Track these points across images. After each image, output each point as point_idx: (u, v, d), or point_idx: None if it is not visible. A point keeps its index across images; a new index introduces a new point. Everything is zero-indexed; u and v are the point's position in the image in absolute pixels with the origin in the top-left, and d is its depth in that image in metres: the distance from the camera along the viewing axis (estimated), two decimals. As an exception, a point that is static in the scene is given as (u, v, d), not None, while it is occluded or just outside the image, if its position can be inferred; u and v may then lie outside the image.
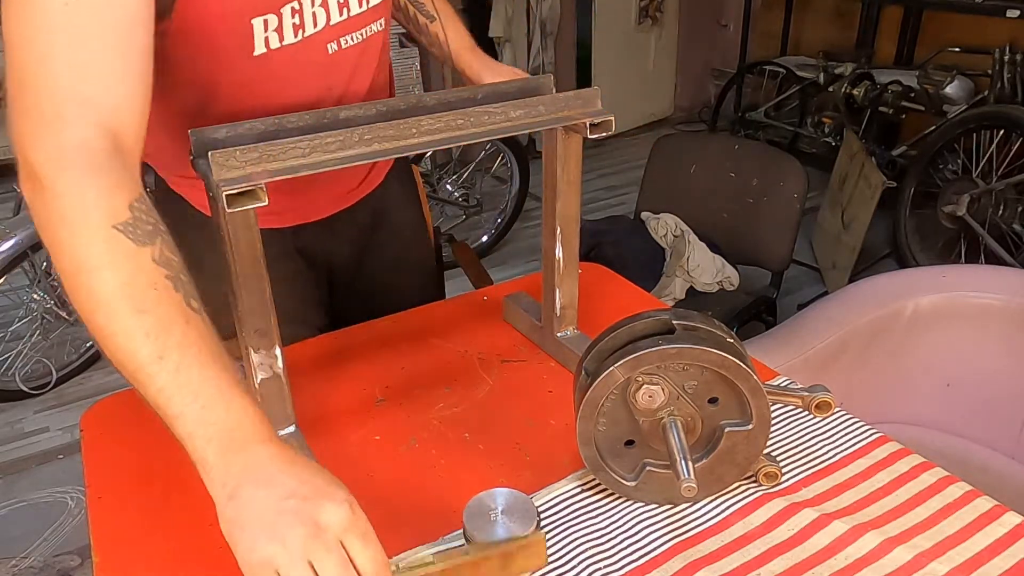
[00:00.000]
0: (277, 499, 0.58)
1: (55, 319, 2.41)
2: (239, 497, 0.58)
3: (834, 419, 0.92)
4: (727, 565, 0.73)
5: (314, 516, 0.57)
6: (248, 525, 0.57)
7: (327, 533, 0.57)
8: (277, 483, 0.59)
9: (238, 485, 0.59)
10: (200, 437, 0.60)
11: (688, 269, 2.24)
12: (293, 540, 0.56)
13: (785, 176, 2.13)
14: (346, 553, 0.58)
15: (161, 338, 0.60)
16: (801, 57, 4.00)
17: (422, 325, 1.13)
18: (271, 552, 0.56)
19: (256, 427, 0.61)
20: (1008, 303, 1.54)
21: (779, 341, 1.58)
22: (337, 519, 0.58)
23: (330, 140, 0.73)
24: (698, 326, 0.76)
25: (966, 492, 0.80)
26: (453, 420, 0.93)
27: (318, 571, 0.56)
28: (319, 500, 0.58)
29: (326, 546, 0.57)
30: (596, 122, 0.84)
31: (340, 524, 0.58)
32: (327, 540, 0.57)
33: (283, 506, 0.57)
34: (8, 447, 2.23)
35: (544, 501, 0.80)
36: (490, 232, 3.36)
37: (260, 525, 0.57)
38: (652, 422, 0.77)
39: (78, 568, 1.82)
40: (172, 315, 0.61)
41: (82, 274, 0.61)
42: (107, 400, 0.99)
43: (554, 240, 0.96)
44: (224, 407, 0.60)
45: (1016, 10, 2.97)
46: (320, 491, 0.59)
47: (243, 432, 0.61)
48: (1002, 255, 2.75)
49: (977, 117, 2.88)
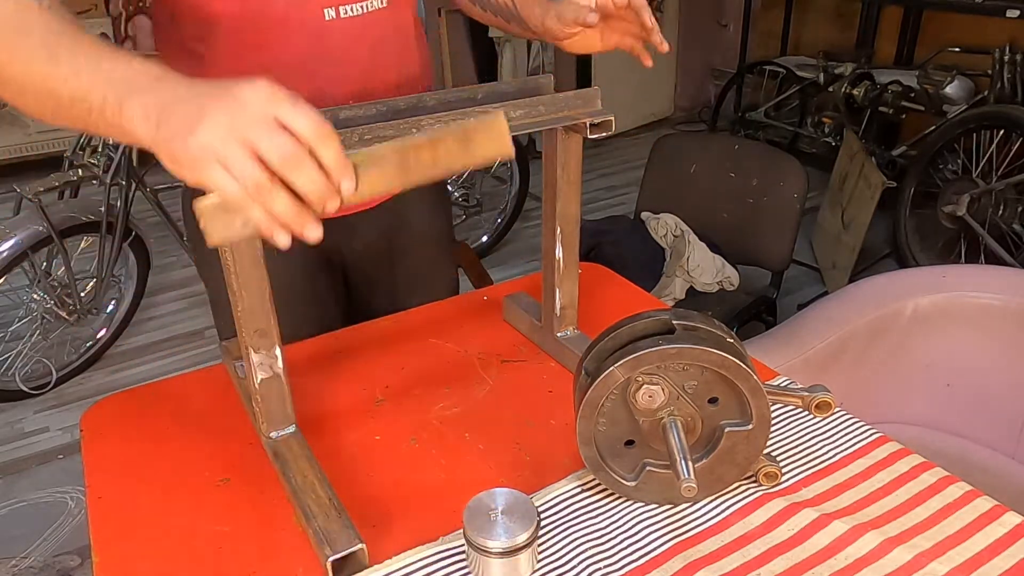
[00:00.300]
0: (196, 98, 0.58)
1: (55, 319, 2.41)
2: (164, 120, 0.58)
3: (834, 419, 0.92)
4: (727, 565, 0.73)
5: (233, 93, 0.57)
6: (178, 134, 0.57)
7: (250, 105, 0.56)
8: (194, 93, 0.59)
9: (160, 111, 0.59)
10: (112, 95, 0.61)
11: (688, 269, 2.24)
12: (219, 117, 0.56)
13: (785, 176, 2.13)
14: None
15: (52, 46, 0.63)
16: (801, 57, 4.00)
17: (422, 325, 1.13)
18: (201, 139, 0.56)
19: (159, 68, 0.62)
20: (1008, 303, 1.54)
21: (779, 341, 1.58)
22: (257, 91, 0.57)
23: (330, 140, 0.73)
24: (698, 326, 0.76)
25: (966, 492, 0.80)
26: (453, 420, 0.93)
27: (255, 145, 0.55)
28: (235, 87, 0.58)
29: (251, 117, 0.56)
30: (596, 122, 0.84)
31: (262, 94, 0.56)
32: (251, 112, 0.56)
33: (202, 100, 0.57)
34: (8, 447, 2.23)
35: (544, 501, 0.80)
36: (490, 232, 3.35)
37: (186, 125, 0.57)
38: (652, 422, 0.77)
39: (78, 568, 1.82)
40: (57, 29, 0.64)
41: None
42: (107, 400, 0.99)
43: (554, 240, 0.96)
44: (125, 64, 0.62)
45: (1016, 10, 2.96)
46: (235, 84, 0.58)
47: (148, 73, 0.62)
48: (1002, 255, 2.75)
49: (977, 117, 2.88)
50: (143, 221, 2.51)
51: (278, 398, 0.84)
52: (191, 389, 1.00)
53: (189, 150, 0.56)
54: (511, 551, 0.69)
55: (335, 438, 0.90)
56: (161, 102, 0.59)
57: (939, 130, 3.01)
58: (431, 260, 1.25)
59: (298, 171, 0.56)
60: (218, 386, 0.99)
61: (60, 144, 3.77)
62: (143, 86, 0.61)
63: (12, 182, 2.39)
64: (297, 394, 0.87)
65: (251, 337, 0.79)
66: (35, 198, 2.19)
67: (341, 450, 0.88)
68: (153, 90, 0.60)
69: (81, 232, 2.33)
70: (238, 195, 0.56)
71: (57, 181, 2.30)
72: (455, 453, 0.88)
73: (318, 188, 0.57)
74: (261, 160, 0.56)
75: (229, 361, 0.98)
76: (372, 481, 0.84)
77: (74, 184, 2.36)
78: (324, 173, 0.57)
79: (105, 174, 2.27)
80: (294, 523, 0.78)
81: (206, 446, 0.89)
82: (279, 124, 0.56)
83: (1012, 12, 2.97)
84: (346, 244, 1.15)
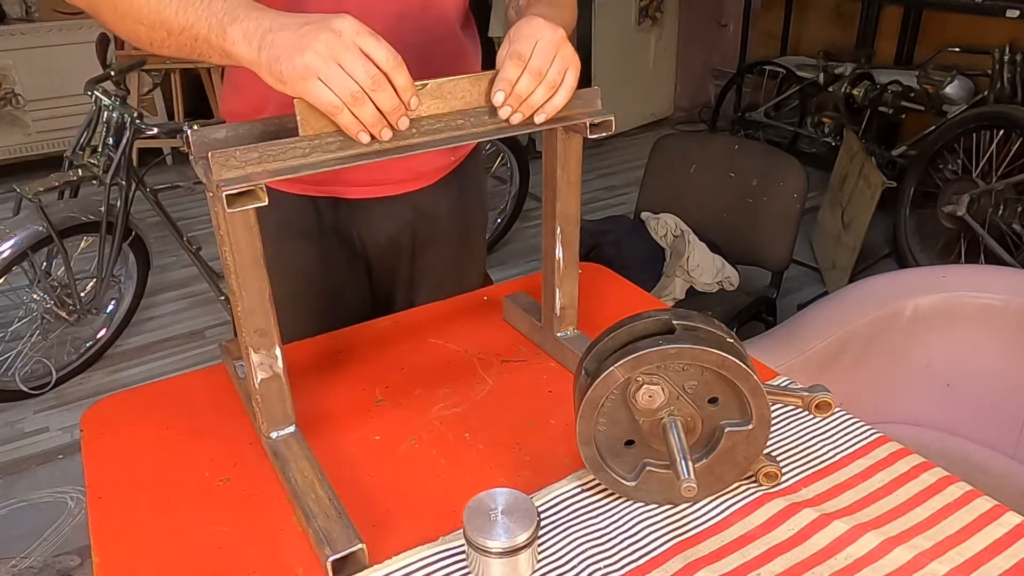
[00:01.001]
0: (296, 28, 0.70)
1: (55, 319, 2.41)
2: (266, 43, 0.71)
3: (834, 419, 0.92)
4: (727, 565, 0.73)
5: (329, 26, 0.69)
6: (282, 55, 0.70)
7: (343, 35, 0.69)
8: (291, 21, 0.71)
9: (262, 36, 0.71)
10: (215, 23, 0.74)
11: (688, 269, 2.25)
12: (319, 45, 0.68)
13: (785, 176, 2.13)
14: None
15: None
16: (801, 57, 4.00)
17: (422, 325, 1.13)
18: (306, 60, 0.68)
19: (254, 2, 0.75)
20: (1008, 303, 1.54)
21: (779, 341, 1.58)
22: (348, 25, 0.70)
23: (330, 140, 0.73)
24: (698, 326, 0.76)
25: (966, 492, 0.80)
26: (453, 420, 0.93)
27: (345, 67, 0.69)
28: (329, 18, 0.71)
29: (345, 45, 0.69)
30: (596, 122, 0.84)
31: (352, 28, 0.70)
32: (345, 41, 0.69)
33: (303, 31, 0.70)
34: (8, 447, 2.23)
35: (544, 501, 0.80)
36: (490, 232, 3.36)
37: (290, 50, 0.69)
38: (652, 422, 0.77)
39: (78, 568, 1.82)
40: None
41: None
42: (107, 400, 0.99)
43: (554, 240, 0.96)
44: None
45: (1016, 10, 2.97)
46: (327, 16, 0.71)
47: (246, 4, 0.74)
48: (1002, 255, 2.75)
49: (977, 117, 2.88)
50: (143, 221, 2.51)
51: (278, 398, 0.84)
52: (191, 389, 1.00)
53: (296, 69, 0.69)
54: (511, 551, 0.69)
55: (335, 438, 0.90)
56: (262, 28, 0.71)
57: (939, 130, 3.01)
58: (455, 256, 1.24)
59: (379, 90, 0.70)
60: (218, 386, 0.99)
61: (60, 144, 3.78)
62: (242, 16, 0.73)
63: (12, 182, 2.40)
64: (297, 394, 0.87)
65: (251, 337, 0.79)
66: (35, 198, 2.19)
67: (341, 450, 0.88)
68: (252, 18, 0.73)
69: (81, 232, 2.33)
70: (336, 103, 0.69)
71: (57, 181, 2.30)
72: (455, 453, 0.88)
73: (393, 103, 0.72)
74: (353, 79, 0.69)
75: (229, 361, 0.98)
76: (372, 481, 0.84)
77: (74, 184, 2.35)
78: (397, 95, 0.72)
79: (105, 174, 2.27)
80: (294, 523, 0.78)
81: (206, 446, 0.89)
82: (363, 54, 0.69)
83: (1012, 12, 2.98)
84: (368, 236, 1.15)
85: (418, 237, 1.18)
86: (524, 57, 0.78)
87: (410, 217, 1.15)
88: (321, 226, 1.12)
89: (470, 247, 1.27)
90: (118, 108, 2.24)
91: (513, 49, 0.78)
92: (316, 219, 1.11)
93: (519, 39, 0.79)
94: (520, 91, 0.78)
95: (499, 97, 0.78)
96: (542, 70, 0.78)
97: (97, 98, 2.26)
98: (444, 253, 1.22)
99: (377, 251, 1.17)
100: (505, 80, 0.78)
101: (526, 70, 0.78)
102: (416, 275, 1.22)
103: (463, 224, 1.23)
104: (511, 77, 0.78)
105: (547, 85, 0.79)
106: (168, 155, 4.05)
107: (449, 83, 0.78)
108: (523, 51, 0.78)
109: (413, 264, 1.21)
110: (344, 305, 1.18)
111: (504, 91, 0.78)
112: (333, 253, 1.14)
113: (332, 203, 1.11)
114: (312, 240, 1.12)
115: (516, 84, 0.78)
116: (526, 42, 0.78)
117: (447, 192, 1.17)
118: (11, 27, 3.76)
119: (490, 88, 0.79)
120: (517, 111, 0.79)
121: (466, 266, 1.28)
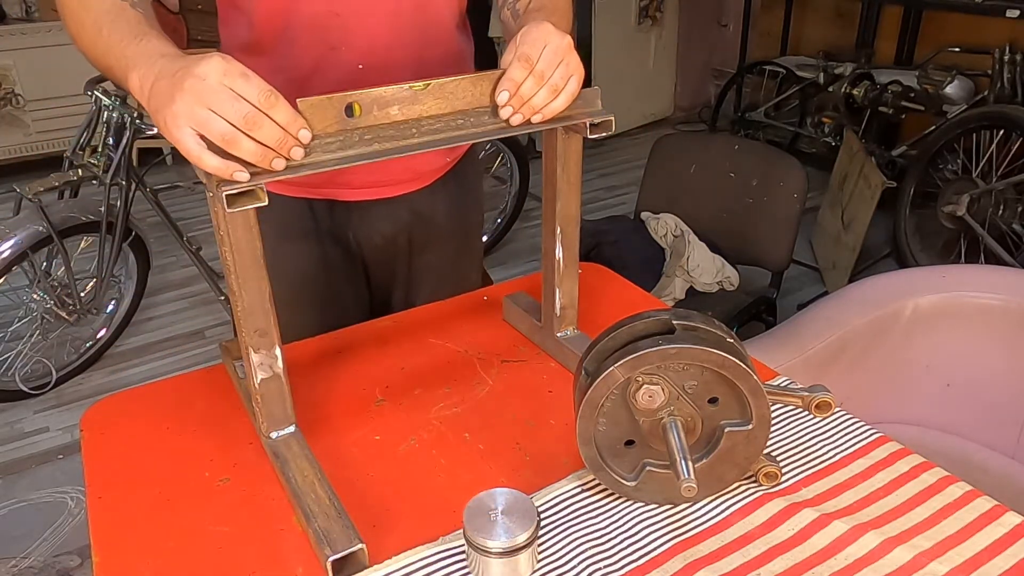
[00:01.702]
0: (170, 77, 0.71)
1: (55, 319, 2.41)
2: (153, 94, 0.73)
3: (834, 419, 0.92)
4: (727, 565, 0.73)
5: (192, 72, 0.69)
6: (160, 106, 0.71)
7: (208, 79, 0.68)
8: (169, 70, 0.72)
9: (151, 86, 0.73)
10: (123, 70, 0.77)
11: (688, 269, 2.24)
12: (184, 93, 0.68)
13: (785, 176, 2.13)
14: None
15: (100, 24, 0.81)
16: (801, 57, 4.00)
17: (422, 325, 1.13)
18: (175, 109, 0.69)
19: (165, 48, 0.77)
20: (1008, 303, 1.54)
21: (779, 341, 1.58)
22: (213, 67, 0.69)
23: (330, 140, 0.73)
24: (698, 326, 0.76)
25: (966, 492, 0.80)
26: (453, 420, 0.93)
27: (216, 110, 0.68)
28: (195, 63, 0.70)
29: (211, 89, 0.68)
30: (596, 122, 0.84)
31: (217, 70, 0.69)
32: (211, 85, 0.68)
33: (174, 81, 0.70)
34: (8, 447, 2.23)
35: (544, 501, 0.80)
36: (490, 232, 3.35)
37: (164, 99, 0.70)
38: (652, 422, 0.77)
39: (78, 568, 1.82)
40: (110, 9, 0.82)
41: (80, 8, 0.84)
42: (107, 400, 0.99)
43: (554, 240, 0.96)
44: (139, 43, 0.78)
45: (1016, 10, 2.96)
46: (195, 60, 0.71)
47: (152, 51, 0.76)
48: (1002, 255, 2.75)
49: (977, 117, 2.88)
50: (143, 221, 2.50)
51: (278, 398, 0.84)
52: (191, 389, 1.00)
53: (167, 119, 0.70)
54: (511, 551, 0.69)
55: (335, 438, 0.90)
56: (150, 77, 0.73)
57: (939, 130, 3.01)
58: (453, 257, 1.24)
59: (256, 128, 0.69)
60: (218, 386, 0.99)
61: (60, 144, 3.77)
62: (140, 63, 0.75)
63: (12, 182, 2.39)
64: (297, 394, 0.87)
65: (251, 337, 0.79)
66: (35, 198, 2.19)
67: (341, 450, 0.88)
68: (145, 66, 0.75)
69: (81, 232, 2.33)
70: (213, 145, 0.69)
71: (57, 181, 2.29)
72: (455, 453, 0.88)
73: (276, 137, 0.70)
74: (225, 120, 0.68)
75: (229, 361, 0.99)
76: (372, 481, 0.84)
77: (74, 184, 2.35)
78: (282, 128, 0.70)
79: (105, 174, 2.26)
80: (294, 523, 0.78)
81: (206, 446, 0.89)
82: (235, 94, 0.68)
83: (1012, 12, 2.97)
84: (365, 237, 1.15)
85: (415, 238, 1.18)
86: (532, 60, 0.79)
87: (407, 218, 1.15)
88: (318, 228, 1.12)
89: (468, 247, 1.28)
90: (118, 108, 2.24)
91: (521, 52, 0.79)
92: (313, 222, 1.12)
93: (528, 42, 0.80)
94: (523, 93, 0.79)
95: (503, 96, 0.79)
96: (547, 74, 0.79)
97: (97, 98, 2.26)
98: (441, 254, 1.22)
99: (374, 252, 1.18)
100: (511, 81, 0.79)
101: (532, 73, 0.78)
102: (414, 276, 1.22)
103: (460, 224, 1.23)
104: (517, 78, 0.78)
105: (550, 89, 0.80)
106: (168, 155, 4.05)
107: (451, 83, 0.78)
108: (531, 54, 0.79)
109: (411, 265, 1.21)
110: (342, 307, 1.18)
111: (509, 91, 0.79)
112: (330, 255, 1.14)
113: (328, 205, 1.11)
114: (309, 242, 1.12)
115: (521, 86, 0.79)
116: (535, 46, 0.79)
117: (444, 193, 1.17)
118: (11, 27, 3.76)
119: (492, 89, 0.80)
120: (518, 112, 0.80)
121: (464, 266, 1.28)
